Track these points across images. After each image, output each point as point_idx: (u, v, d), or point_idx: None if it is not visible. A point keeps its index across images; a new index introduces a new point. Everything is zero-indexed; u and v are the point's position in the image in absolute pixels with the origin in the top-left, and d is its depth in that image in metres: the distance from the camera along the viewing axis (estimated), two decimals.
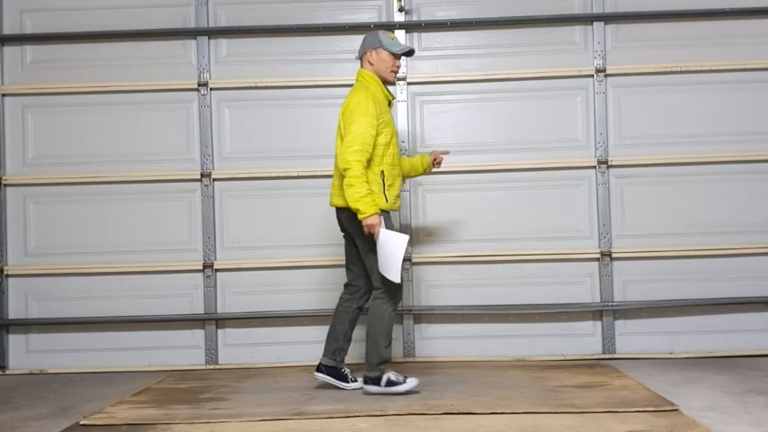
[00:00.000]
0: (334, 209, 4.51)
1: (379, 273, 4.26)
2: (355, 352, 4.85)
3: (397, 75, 4.51)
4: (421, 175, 4.81)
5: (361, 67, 4.46)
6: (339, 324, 4.52)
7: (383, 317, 4.30)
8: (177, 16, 5.61)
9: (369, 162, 4.25)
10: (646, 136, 5.50)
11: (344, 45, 5.58)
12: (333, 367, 4.50)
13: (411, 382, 4.29)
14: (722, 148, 5.47)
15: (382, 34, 4.43)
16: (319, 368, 4.52)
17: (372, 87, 4.36)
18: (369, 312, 4.38)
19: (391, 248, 4.17)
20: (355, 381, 4.48)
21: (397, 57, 4.41)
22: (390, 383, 4.27)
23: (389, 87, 4.50)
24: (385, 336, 4.30)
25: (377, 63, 4.38)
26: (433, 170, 4.80)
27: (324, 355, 4.52)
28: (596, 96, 5.49)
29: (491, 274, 5.48)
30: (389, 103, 4.45)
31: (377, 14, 5.60)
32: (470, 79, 5.33)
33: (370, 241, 4.26)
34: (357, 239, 4.38)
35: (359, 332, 4.61)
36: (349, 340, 4.55)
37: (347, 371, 4.51)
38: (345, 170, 4.18)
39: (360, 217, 4.16)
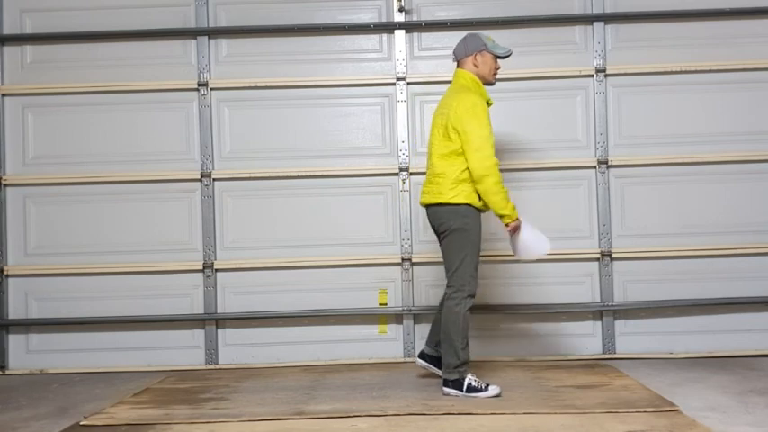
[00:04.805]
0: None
1: (455, 272, 4.31)
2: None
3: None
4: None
5: (461, 68, 4.45)
6: (438, 317, 4.59)
7: (457, 318, 4.27)
8: (177, 16, 5.61)
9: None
10: (646, 136, 5.50)
11: (344, 45, 5.59)
12: (433, 356, 4.62)
13: (493, 390, 4.24)
14: (722, 148, 5.47)
15: (484, 36, 4.44)
16: (421, 355, 4.68)
17: (478, 90, 4.37)
18: (443, 314, 4.36)
19: (532, 245, 4.31)
20: None
21: (498, 59, 4.43)
22: (471, 389, 4.22)
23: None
24: (461, 336, 4.26)
25: (482, 66, 4.39)
26: None
27: (426, 345, 4.68)
28: (596, 96, 5.50)
29: (490, 273, 5.48)
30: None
31: (377, 14, 5.60)
32: None
33: (456, 240, 4.30)
34: (445, 237, 4.36)
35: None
36: None
37: None
38: (482, 177, 4.18)
39: (504, 222, 4.27)
